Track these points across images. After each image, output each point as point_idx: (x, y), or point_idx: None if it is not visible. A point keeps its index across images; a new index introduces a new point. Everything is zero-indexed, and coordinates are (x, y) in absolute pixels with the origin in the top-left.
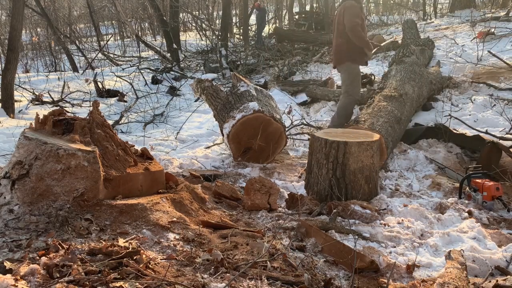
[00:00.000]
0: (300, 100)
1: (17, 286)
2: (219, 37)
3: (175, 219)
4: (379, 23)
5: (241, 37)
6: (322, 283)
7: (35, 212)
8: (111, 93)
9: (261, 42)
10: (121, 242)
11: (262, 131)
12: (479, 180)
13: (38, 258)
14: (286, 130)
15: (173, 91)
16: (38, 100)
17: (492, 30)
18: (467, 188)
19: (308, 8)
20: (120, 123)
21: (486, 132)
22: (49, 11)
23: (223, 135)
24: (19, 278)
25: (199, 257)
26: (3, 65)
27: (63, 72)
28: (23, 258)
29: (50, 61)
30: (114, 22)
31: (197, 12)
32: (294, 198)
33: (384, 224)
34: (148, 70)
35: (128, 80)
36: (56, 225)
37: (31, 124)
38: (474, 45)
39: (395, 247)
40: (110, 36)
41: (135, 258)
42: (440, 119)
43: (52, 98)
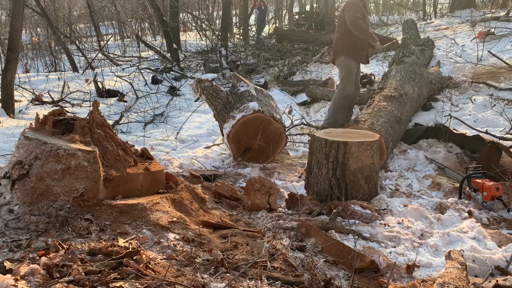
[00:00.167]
0: (300, 100)
1: (17, 286)
2: (219, 37)
3: (175, 219)
4: (379, 23)
5: (241, 37)
6: (322, 283)
7: (35, 212)
8: (111, 93)
9: (260, 42)
10: (121, 242)
11: (262, 131)
12: (479, 180)
13: (38, 258)
14: (286, 130)
15: (173, 91)
16: (38, 100)
17: (492, 30)
18: (467, 188)
19: (308, 8)
20: (120, 123)
21: (486, 132)
22: (49, 11)
23: (223, 135)
24: (19, 278)
25: (199, 257)
26: (3, 65)
27: (63, 72)
28: (23, 258)
29: (50, 61)
30: (114, 22)
31: (197, 12)
32: (294, 198)
33: (384, 224)
34: (148, 70)
35: (128, 80)
36: (56, 225)
37: (31, 124)
38: (474, 45)
39: (395, 247)
40: (110, 36)
41: (135, 258)
42: (440, 119)
43: (52, 98)
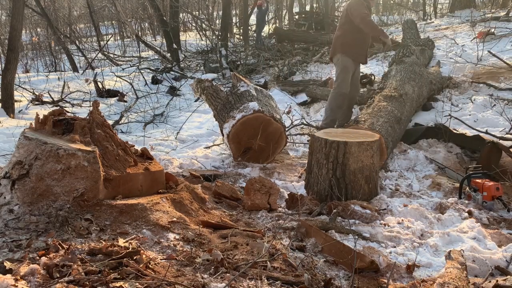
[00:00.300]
0: (300, 100)
1: (17, 286)
2: (219, 37)
3: (175, 219)
4: (379, 23)
5: (241, 37)
6: (322, 283)
7: (35, 212)
8: (111, 93)
9: (260, 42)
10: (121, 242)
11: (262, 131)
12: (479, 180)
13: (38, 258)
14: (286, 130)
15: (173, 91)
16: (38, 100)
17: (492, 30)
18: (467, 188)
19: (308, 8)
20: (120, 123)
21: (486, 132)
22: (49, 11)
23: (223, 135)
24: (19, 278)
25: (199, 257)
26: (3, 65)
27: (63, 72)
28: (23, 258)
29: (50, 61)
30: (114, 22)
31: (197, 12)
32: (294, 198)
33: (384, 224)
34: (148, 70)
35: (128, 80)
36: (56, 225)
37: (31, 124)
38: (474, 45)
39: (395, 247)
40: (110, 36)
41: (135, 258)
42: (440, 119)
43: (52, 98)
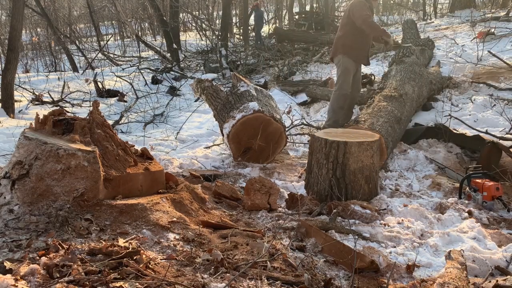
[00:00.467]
0: (300, 100)
1: (17, 286)
2: (219, 37)
3: (175, 219)
4: (379, 23)
5: (241, 37)
6: (322, 283)
7: (35, 212)
8: (111, 93)
9: (260, 42)
10: (121, 242)
11: (262, 131)
12: (479, 180)
13: (38, 258)
14: (286, 130)
15: (173, 91)
16: (38, 100)
17: (492, 30)
18: (467, 188)
19: (308, 8)
20: (120, 123)
21: (486, 132)
22: (49, 11)
23: (223, 135)
24: (19, 278)
25: (199, 257)
26: (3, 65)
27: (63, 72)
28: (23, 258)
29: (50, 61)
30: (114, 22)
31: (197, 12)
32: (294, 198)
33: (384, 224)
34: (148, 70)
35: (128, 80)
36: (56, 225)
37: (31, 124)
38: (474, 45)
39: (395, 247)
40: (110, 36)
41: (135, 258)
42: (440, 119)
43: (52, 98)
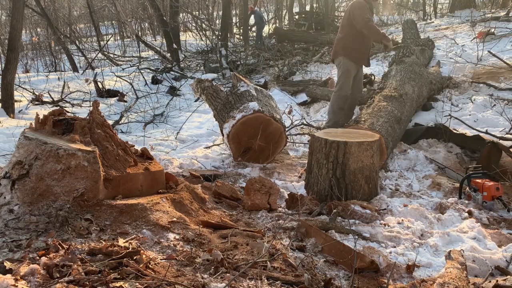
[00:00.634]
0: (300, 100)
1: (17, 286)
2: (219, 37)
3: (175, 219)
4: (379, 23)
5: (241, 37)
6: (322, 283)
7: (35, 212)
8: (111, 93)
9: (261, 42)
10: (121, 242)
11: (262, 131)
12: (479, 180)
13: (38, 258)
14: (286, 130)
15: (173, 91)
16: (38, 100)
17: (492, 30)
18: (467, 188)
19: (308, 8)
20: (120, 123)
21: (486, 132)
22: (49, 11)
23: (223, 135)
24: (19, 278)
25: (199, 257)
26: (3, 65)
27: (63, 72)
28: (23, 258)
29: (50, 61)
30: (114, 22)
31: (197, 12)
32: (294, 198)
33: (384, 224)
34: (148, 70)
35: (128, 80)
36: (56, 225)
37: (31, 124)
38: (474, 45)
39: (395, 247)
40: (110, 36)
41: (135, 258)
42: (440, 119)
43: (52, 98)
